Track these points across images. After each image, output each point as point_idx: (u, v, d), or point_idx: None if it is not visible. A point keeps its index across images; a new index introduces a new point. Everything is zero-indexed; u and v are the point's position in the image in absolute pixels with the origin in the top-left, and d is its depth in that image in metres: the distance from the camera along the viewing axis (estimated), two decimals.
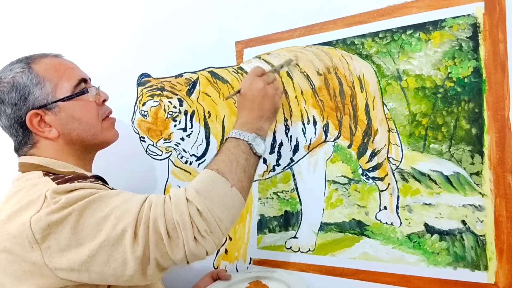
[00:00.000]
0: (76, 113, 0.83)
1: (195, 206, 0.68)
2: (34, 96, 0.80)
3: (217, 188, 0.72)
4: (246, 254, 1.05)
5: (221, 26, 1.07)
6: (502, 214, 0.77)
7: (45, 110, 0.81)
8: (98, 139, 0.88)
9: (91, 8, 1.30)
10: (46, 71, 0.82)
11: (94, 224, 0.66)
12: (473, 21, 0.79)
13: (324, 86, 0.95)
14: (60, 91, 0.82)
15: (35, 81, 0.80)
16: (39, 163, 0.80)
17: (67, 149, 0.84)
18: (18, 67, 0.81)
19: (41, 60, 0.83)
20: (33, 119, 0.80)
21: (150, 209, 0.68)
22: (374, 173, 0.90)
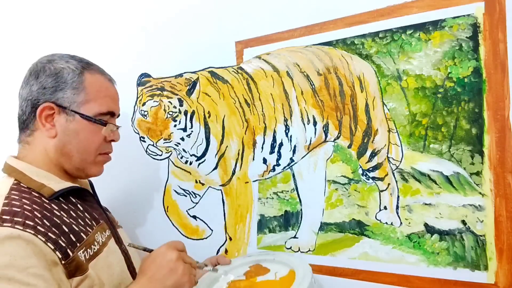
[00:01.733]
0: (82, 133, 0.83)
1: None
2: (64, 94, 0.81)
3: None
4: (246, 254, 1.05)
5: (221, 26, 1.07)
6: (502, 214, 0.77)
7: (61, 111, 0.81)
8: (83, 166, 0.86)
9: (91, 8, 1.30)
10: (91, 85, 0.84)
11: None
12: (473, 21, 0.79)
13: (324, 86, 0.95)
14: (86, 108, 0.83)
15: (75, 85, 0.82)
16: (15, 166, 0.80)
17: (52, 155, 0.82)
18: (73, 64, 0.83)
19: (96, 75, 0.86)
20: (45, 110, 0.81)
21: None
22: (374, 173, 0.90)
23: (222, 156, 1.08)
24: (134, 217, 1.23)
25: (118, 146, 0.94)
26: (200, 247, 1.11)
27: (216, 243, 1.09)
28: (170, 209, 1.17)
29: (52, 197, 0.78)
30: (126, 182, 1.24)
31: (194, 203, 1.13)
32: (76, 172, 0.86)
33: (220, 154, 1.08)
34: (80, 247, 0.75)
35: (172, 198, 1.16)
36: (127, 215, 1.24)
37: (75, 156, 0.84)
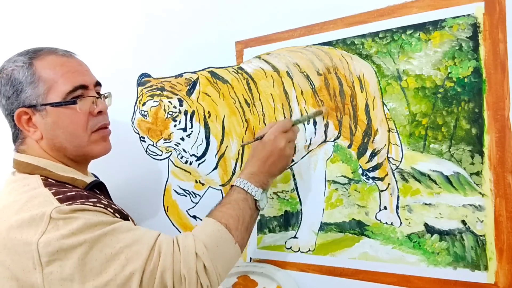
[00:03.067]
0: (61, 121, 0.79)
1: (202, 262, 0.70)
2: (26, 94, 0.78)
3: (224, 245, 0.74)
4: (246, 254, 1.05)
5: (221, 26, 1.07)
6: (502, 214, 0.77)
7: (34, 111, 0.79)
8: (82, 151, 0.83)
9: (91, 8, 1.30)
10: (45, 70, 0.79)
11: (103, 259, 0.65)
12: (473, 21, 0.79)
13: (324, 86, 0.95)
14: (52, 95, 0.78)
15: (29, 80, 0.78)
16: (37, 164, 0.78)
17: (51, 154, 0.82)
18: (20, 61, 0.79)
19: (46, 57, 0.80)
20: (22, 117, 0.79)
21: (159, 257, 0.68)
22: (374, 173, 0.90)
23: (222, 156, 1.08)
24: (134, 217, 1.23)
25: (118, 146, 0.94)
26: None
27: None
28: (170, 209, 1.17)
29: (86, 188, 0.80)
30: (126, 182, 1.24)
31: (194, 203, 1.13)
32: (81, 158, 0.85)
33: (220, 154, 1.08)
34: None
35: (172, 198, 1.16)
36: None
37: (68, 146, 0.81)
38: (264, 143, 0.85)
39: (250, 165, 0.85)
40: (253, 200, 0.81)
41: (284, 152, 0.84)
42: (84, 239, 0.65)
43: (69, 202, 0.69)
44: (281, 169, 0.87)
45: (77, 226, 0.65)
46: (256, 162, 0.84)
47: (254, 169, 0.84)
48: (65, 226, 0.65)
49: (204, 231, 0.75)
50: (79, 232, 0.65)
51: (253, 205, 0.81)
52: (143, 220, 1.22)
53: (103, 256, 0.66)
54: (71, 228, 0.65)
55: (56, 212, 0.66)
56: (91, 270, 0.65)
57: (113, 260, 0.66)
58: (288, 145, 0.85)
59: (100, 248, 0.66)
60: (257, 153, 0.85)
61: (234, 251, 0.76)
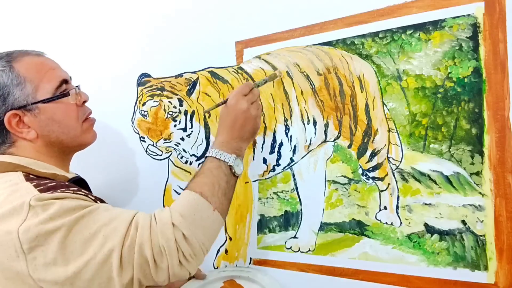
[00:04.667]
0: (56, 116, 0.82)
1: (180, 231, 0.69)
2: (14, 96, 0.79)
3: (201, 212, 0.73)
4: (246, 254, 1.05)
5: (221, 26, 1.07)
6: (502, 214, 0.77)
7: (24, 111, 0.80)
8: (77, 141, 0.87)
9: (91, 8, 1.30)
10: (28, 71, 0.80)
11: (82, 240, 0.66)
12: (473, 21, 0.79)
13: (324, 86, 0.95)
14: (41, 93, 0.81)
15: (15, 82, 0.79)
16: (18, 162, 0.79)
17: (45, 150, 0.83)
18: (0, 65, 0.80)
19: (23, 59, 0.82)
20: (12, 120, 0.79)
21: (136, 231, 0.68)
22: (374, 173, 0.90)
23: None
24: None
25: (119, 146, 0.94)
26: None
27: (216, 243, 1.09)
28: None
29: None
30: (126, 182, 1.24)
31: None
32: (75, 149, 0.89)
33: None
34: None
35: (172, 198, 1.16)
36: None
37: (65, 139, 0.84)
38: (227, 109, 0.86)
39: (219, 134, 0.86)
40: (227, 166, 0.81)
41: (248, 113, 0.85)
42: (62, 223, 0.66)
43: (49, 191, 0.70)
44: (252, 131, 0.87)
45: (54, 210, 0.66)
46: (225, 129, 0.85)
47: (223, 137, 0.85)
48: (43, 212, 0.66)
49: (180, 202, 0.75)
50: (57, 217, 0.66)
51: (228, 171, 0.81)
52: None
53: (82, 237, 0.66)
54: (48, 213, 0.66)
55: (34, 199, 0.67)
56: (72, 252, 0.65)
57: (92, 240, 0.66)
58: (252, 106, 0.86)
59: (79, 230, 0.67)
60: (223, 120, 0.87)
61: (214, 217, 0.75)
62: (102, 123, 0.97)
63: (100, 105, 0.98)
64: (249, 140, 0.88)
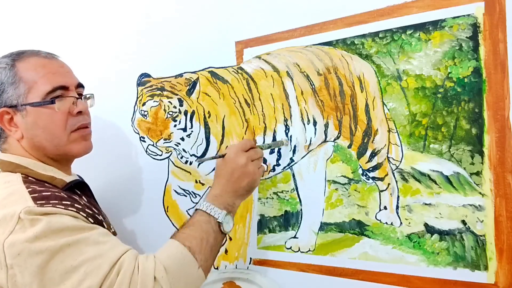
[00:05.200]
0: (40, 121, 0.81)
1: (161, 286, 0.68)
2: (8, 94, 0.80)
3: (186, 268, 0.72)
4: (246, 254, 1.05)
5: (221, 26, 1.07)
6: (502, 214, 0.77)
7: (15, 111, 0.81)
8: (62, 150, 0.85)
9: (91, 8, 1.30)
10: (26, 71, 0.81)
11: (62, 271, 0.65)
12: (473, 21, 0.79)
13: (324, 86, 0.95)
14: (32, 95, 0.81)
15: (11, 80, 0.80)
16: (19, 162, 0.80)
17: (32, 152, 0.83)
18: (3, 62, 0.82)
19: (28, 59, 0.82)
20: (4, 116, 0.81)
21: (117, 276, 0.66)
22: (374, 173, 0.90)
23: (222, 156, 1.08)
24: (134, 217, 1.23)
25: (119, 146, 0.94)
26: None
27: None
28: (170, 209, 1.17)
29: (64, 188, 0.80)
30: (126, 182, 1.24)
31: (194, 203, 1.13)
32: (61, 158, 0.86)
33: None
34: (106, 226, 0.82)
35: (172, 198, 1.16)
36: (127, 214, 1.24)
37: (47, 145, 0.83)
38: (225, 161, 0.84)
39: (214, 187, 0.84)
40: (216, 222, 0.78)
41: (246, 169, 0.83)
42: (46, 247, 0.64)
43: (42, 201, 0.70)
44: (247, 188, 0.84)
45: (41, 229, 0.65)
46: (220, 182, 0.83)
47: (218, 190, 0.82)
48: (30, 228, 0.65)
49: (166, 253, 0.73)
50: (43, 237, 0.65)
51: (217, 228, 0.78)
52: (143, 220, 1.22)
53: (63, 268, 0.65)
54: (35, 230, 0.65)
55: (24, 212, 0.66)
56: (49, 280, 0.64)
57: (73, 273, 0.65)
58: (251, 163, 0.84)
59: (61, 259, 0.65)
60: (219, 172, 0.84)
61: (197, 275, 0.73)
62: (102, 123, 0.97)
63: (100, 105, 0.98)
64: (244, 197, 0.86)
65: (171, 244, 0.74)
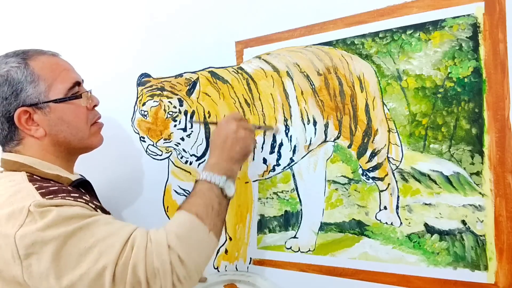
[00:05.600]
0: (66, 116, 0.83)
1: (176, 253, 0.69)
2: (27, 93, 0.80)
3: (197, 234, 0.73)
4: (246, 254, 1.05)
5: (221, 26, 1.07)
6: (502, 214, 0.77)
7: (35, 109, 0.80)
8: (84, 143, 0.88)
9: (91, 8, 1.30)
10: (42, 69, 0.81)
11: (77, 254, 0.66)
12: (473, 21, 0.79)
13: (324, 86, 0.95)
14: (53, 92, 0.81)
15: (30, 79, 0.80)
16: (23, 161, 0.80)
17: (52, 150, 0.84)
18: (14, 61, 0.80)
19: (38, 58, 0.82)
20: (22, 116, 0.80)
21: (131, 250, 0.67)
22: (374, 173, 0.90)
23: None
24: (134, 217, 1.23)
25: (119, 146, 0.94)
26: None
27: None
28: (170, 209, 1.17)
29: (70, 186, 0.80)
30: (126, 182, 1.24)
31: None
32: (81, 151, 0.89)
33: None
34: None
35: (172, 198, 1.16)
36: (127, 214, 1.24)
37: (72, 140, 0.85)
38: (218, 129, 0.87)
39: (210, 157, 0.86)
40: (218, 188, 0.80)
41: (237, 134, 0.85)
42: (59, 233, 0.65)
43: (50, 196, 0.70)
44: (241, 152, 0.86)
45: (52, 218, 0.66)
46: (215, 151, 0.85)
47: (214, 159, 0.84)
48: (41, 219, 0.66)
49: (175, 222, 0.74)
50: (53, 225, 0.65)
51: (219, 193, 0.80)
52: (143, 220, 1.22)
53: (77, 251, 0.66)
54: (46, 220, 0.65)
55: (34, 205, 0.67)
56: (65, 265, 0.65)
57: (87, 254, 0.66)
58: (241, 129, 0.86)
59: (75, 242, 0.66)
60: (213, 142, 0.87)
61: (209, 239, 0.74)
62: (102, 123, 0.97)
63: (100, 105, 0.98)
64: (240, 161, 0.87)
65: (178, 215, 0.76)
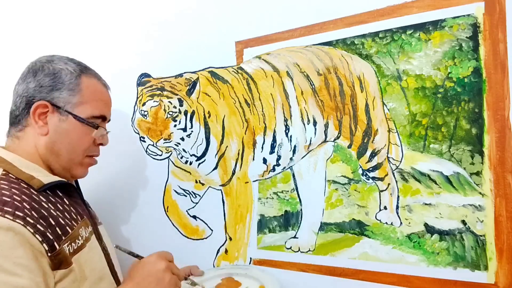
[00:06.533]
0: (73, 133, 0.85)
1: None
2: (60, 94, 0.83)
3: None
4: (246, 254, 1.05)
5: (221, 26, 1.07)
6: (502, 214, 0.77)
7: (55, 110, 0.83)
8: (70, 165, 0.87)
9: (92, 8, 1.30)
10: (87, 88, 0.86)
11: None
12: (473, 21, 0.79)
13: (324, 86, 0.95)
14: (80, 109, 0.84)
15: (71, 87, 0.84)
16: (5, 157, 0.80)
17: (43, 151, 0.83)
18: (72, 67, 0.85)
19: (92, 79, 0.88)
20: (39, 108, 0.82)
21: None
22: (374, 173, 0.90)
23: (222, 156, 1.08)
24: (134, 217, 1.23)
25: (119, 146, 0.94)
26: (200, 247, 1.11)
27: (216, 243, 1.09)
28: (170, 209, 1.17)
29: (41, 189, 0.79)
30: (126, 182, 1.24)
31: (194, 203, 1.13)
32: (62, 171, 0.87)
33: (220, 154, 1.08)
34: (65, 240, 0.76)
35: (172, 198, 1.16)
36: (127, 214, 1.24)
37: (64, 155, 0.85)
38: (143, 263, 0.79)
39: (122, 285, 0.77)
40: None
41: (163, 275, 0.76)
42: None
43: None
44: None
45: None
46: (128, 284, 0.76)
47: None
48: None
49: None
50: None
51: None
52: (143, 220, 1.22)
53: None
54: None
55: None
56: None
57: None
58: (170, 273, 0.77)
59: None
60: (133, 273, 0.78)
61: None
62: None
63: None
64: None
65: None
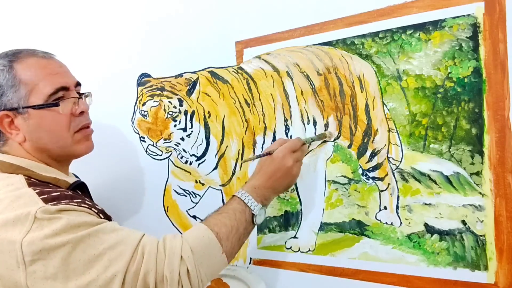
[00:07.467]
0: (44, 123, 0.80)
1: (186, 266, 0.70)
2: (7, 97, 0.78)
3: (210, 252, 0.74)
4: (246, 254, 1.05)
5: (221, 26, 1.07)
6: (502, 214, 0.77)
7: (16, 114, 0.79)
8: (67, 151, 0.85)
9: (91, 8, 1.30)
10: (25, 73, 0.79)
11: (86, 260, 0.66)
12: (473, 21, 0.79)
13: (324, 86, 0.95)
14: (34, 98, 0.79)
15: (10, 83, 0.78)
16: (19, 164, 0.78)
17: (37, 154, 0.82)
18: (0, 64, 0.80)
19: (26, 60, 0.80)
20: (4, 119, 0.79)
21: (142, 258, 0.68)
22: (374, 173, 0.90)
23: (222, 156, 1.08)
24: (134, 217, 1.23)
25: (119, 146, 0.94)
26: None
27: None
28: (170, 209, 1.17)
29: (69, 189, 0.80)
30: (126, 182, 1.24)
31: (194, 203, 1.13)
32: (65, 158, 0.86)
33: (220, 154, 1.08)
34: None
35: (172, 198, 1.16)
36: (127, 214, 1.24)
37: (52, 148, 0.83)
38: (273, 159, 0.84)
39: (255, 178, 0.85)
40: (250, 213, 0.80)
41: (291, 170, 0.84)
42: (67, 240, 0.65)
43: (54, 202, 0.70)
44: (286, 187, 0.86)
45: (61, 226, 0.66)
46: (262, 176, 0.84)
47: (258, 182, 0.83)
48: (49, 226, 0.66)
49: (194, 235, 0.75)
50: (62, 232, 0.66)
51: (250, 219, 0.80)
52: (143, 220, 1.22)
53: (86, 257, 0.66)
54: (54, 228, 0.65)
55: (41, 212, 0.67)
56: (74, 270, 0.65)
57: (96, 261, 0.66)
58: (296, 165, 0.85)
59: (83, 248, 0.66)
60: (264, 167, 0.85)
61: (220, 260, 0.75)
62: (102, 123, 0.96)
63: (100, 105, 0.98)
64: (280, 193, 0.89)
65: (199, 228, 0.76)
